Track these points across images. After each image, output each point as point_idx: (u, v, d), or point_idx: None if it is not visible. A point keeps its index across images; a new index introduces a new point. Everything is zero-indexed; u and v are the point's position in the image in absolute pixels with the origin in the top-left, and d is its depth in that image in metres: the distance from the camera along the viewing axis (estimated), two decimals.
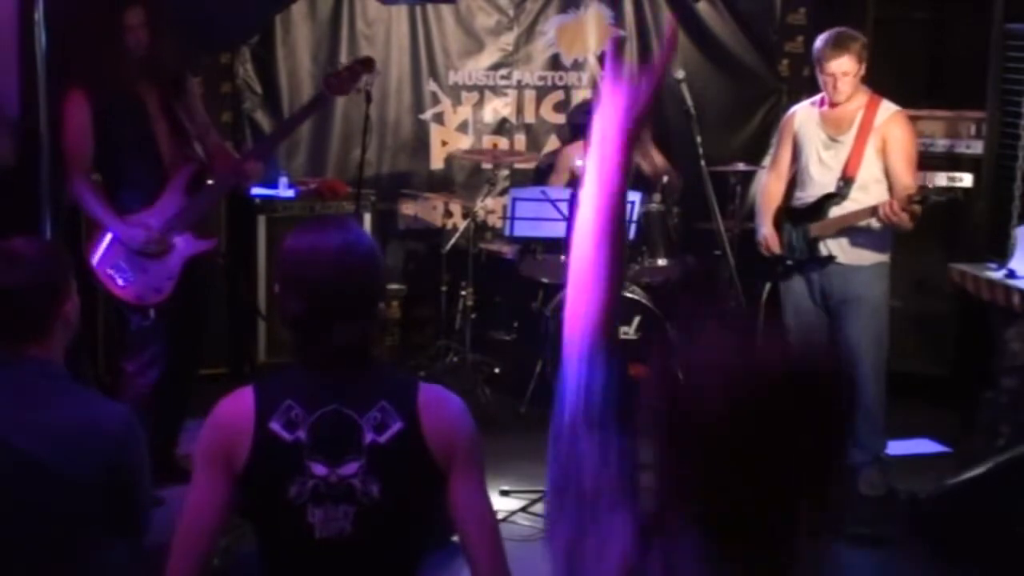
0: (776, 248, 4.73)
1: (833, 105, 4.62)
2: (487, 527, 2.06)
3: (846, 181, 4.56)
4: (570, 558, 1.42)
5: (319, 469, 1.95)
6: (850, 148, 4.56)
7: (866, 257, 4.60)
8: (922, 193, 4.38)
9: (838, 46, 4.51)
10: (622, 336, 5.33)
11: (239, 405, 1.99)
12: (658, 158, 6.03)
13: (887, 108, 4.60)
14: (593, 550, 1.39)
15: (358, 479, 1.96)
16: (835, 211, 4.59)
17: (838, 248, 4.61)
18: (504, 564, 2.04)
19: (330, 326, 1.98)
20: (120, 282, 4.29)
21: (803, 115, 4.77)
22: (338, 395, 1.98)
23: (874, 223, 4.49)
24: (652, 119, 6.16)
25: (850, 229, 4.58)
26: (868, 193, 4.54)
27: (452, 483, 2.02)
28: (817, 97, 4.74)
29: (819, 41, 4.59)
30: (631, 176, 5.62)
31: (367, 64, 4.78)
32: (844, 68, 4.50)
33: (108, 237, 4.29)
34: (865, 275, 4.63)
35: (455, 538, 2.10)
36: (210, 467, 1.98)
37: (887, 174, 4.55)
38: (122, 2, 4.17)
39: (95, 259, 4.28)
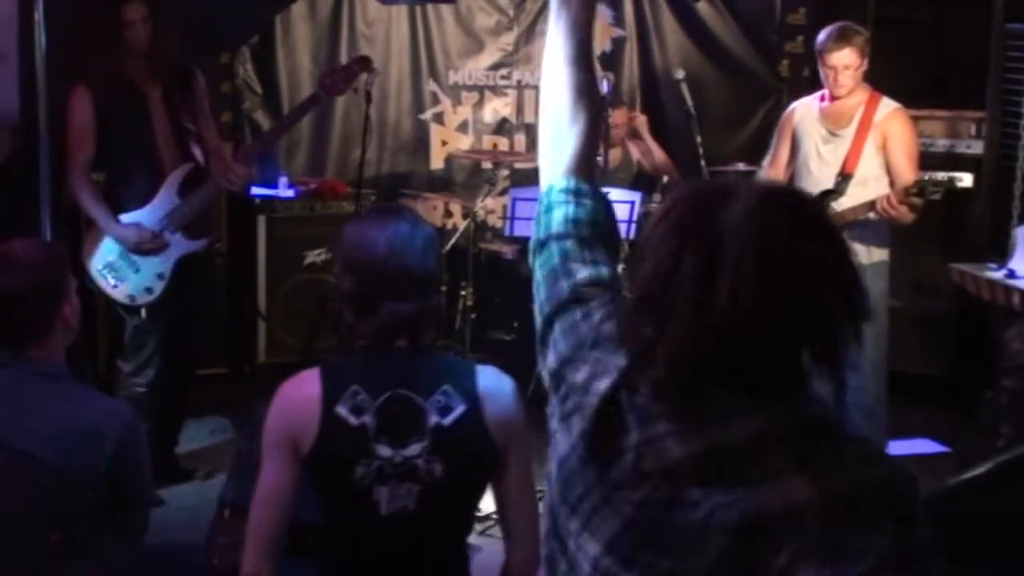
0: None
1: (834, 99, 4.62)
2: (530, 507, 2.17)
3: (844, 177, 4.56)
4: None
5: (384, 451, 2.05)
6: (849, 144, 4.56)
7: (864, 255, 4.60)
8: (919, 185, 4.37)
9: (841, 39, 4.51)
10: None
11: (306, 390, 2.08)
12: (659, 155, 6.03)
13: (887, 105, 4.59)
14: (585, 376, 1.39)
15: (422, 459, 2.06)
16: (833, 207, 4.59)
17: None
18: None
19: (379, 304, 2.09)
20: (112, 282, 4.27)
21: (803, 110, 4.77)
22: (402, 380, 2.08)
23: (872, 216, 4.49)
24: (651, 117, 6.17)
25: (849, 226, 4.57)
26: (867, 189, 4.53)
27: (505, 461, 2.13)
28: (818, 93, 4.74)
29: (822, 34, 4.59)
30: (631, 174, 5.49)
31: (363, 63, 4.75)
32: (846, 61, 4.50)
33: (104, 236, 4.28)
34: (864, 273, 4.61)
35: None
36: (279, 451, 2.07)
37: (889, 171, 4.55)
38: None
39: (88, 258, 4.27)
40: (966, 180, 4.77)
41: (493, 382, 2.14)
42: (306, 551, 2.22)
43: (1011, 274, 4.74)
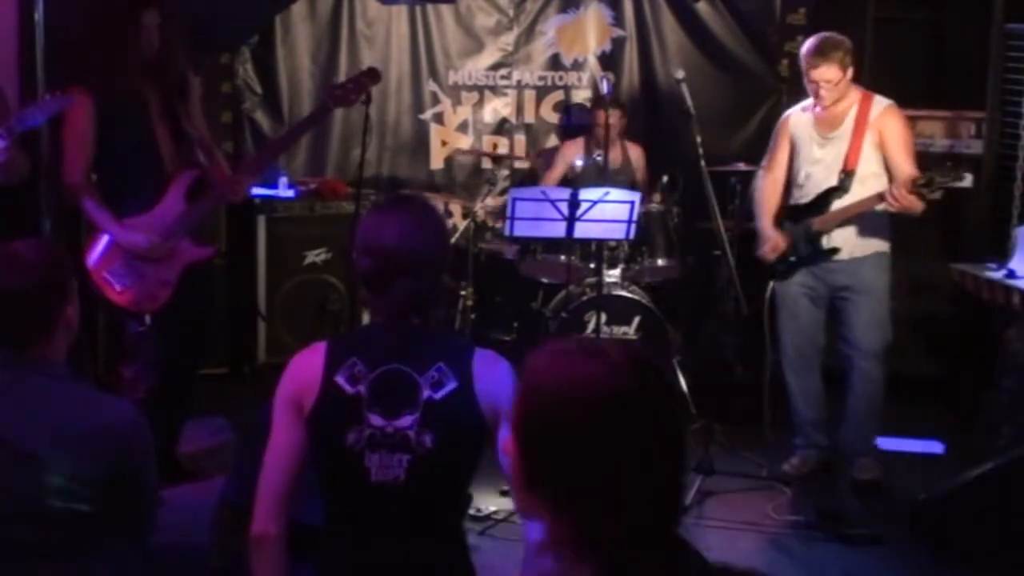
0: (782, 247, 4.75)
1: (824, 108, 4.64)
2: None
3: (847, 174, 4.60)
4: None
5: (376, 420, 2.17)
6: (848, 142, 4.60)
7: (869, 247, 4.63)
8: (926, 177, 4.39)
9: (820, 54, 4.56)
10: (622, 335, 5.34)
11: (311, 358, 2.22)
12: (635, 153, 6.02)
13: (880, 103, 4.62)
14: None
15: (413, 431, 2.17)
16: (836, 204, 4.61)
17: (841, 240, 4.63)
18: None
19: (393, 282, 2.21)
20: (117, 287, 4.21)
21: (795, 119, 4.83)
22: (400, 355, 2.20)
23: (880, 208, 4.52)
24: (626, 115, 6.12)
25: (852, 221, 4.59)
26: (865, 187, 4.57)
27: (502, 433, 2.19)
28: (808, 102, 4.76)
29: (804, 47, 4.65)
30: (631, 174, 5.45)
31: (372, 76, 4.72)
32: (827, 76, 4.56)
33: (105, 240, 4.21)
34: (867, 265, 4.65)
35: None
36: (285, 412, 2.21)
37: (888, 167, 4.57)
38: (140, 2, 4.11)
39: (91, 262, 4.20)
40: (966, 180, 4.79)
41: (487, 363, 2.23)
42: (304, 553, 2.23)
43: (1011, 274, 4.75)
